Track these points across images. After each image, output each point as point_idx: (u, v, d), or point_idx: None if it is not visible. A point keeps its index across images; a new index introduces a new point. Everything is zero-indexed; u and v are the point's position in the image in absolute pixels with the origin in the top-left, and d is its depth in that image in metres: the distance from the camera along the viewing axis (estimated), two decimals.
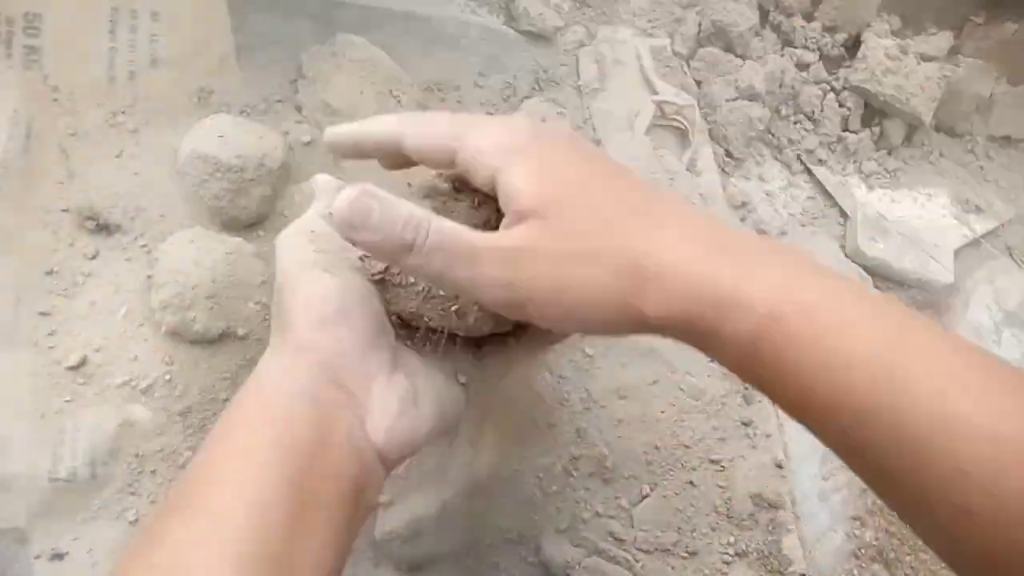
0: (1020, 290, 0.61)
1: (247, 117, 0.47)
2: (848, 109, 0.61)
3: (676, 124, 0.57)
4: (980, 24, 0.64)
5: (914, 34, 0.63)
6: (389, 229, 0.29)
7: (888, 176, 0.61)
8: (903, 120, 0.61)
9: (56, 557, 0.38)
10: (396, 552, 0.43)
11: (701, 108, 0.58)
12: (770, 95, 0.59)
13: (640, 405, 0.49)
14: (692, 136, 0.57)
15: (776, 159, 0.60)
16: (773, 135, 0.60)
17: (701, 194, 0.52)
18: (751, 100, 0.58)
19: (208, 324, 0.41)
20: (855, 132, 0.61)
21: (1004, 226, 0.63)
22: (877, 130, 0.61)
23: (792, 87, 0.60)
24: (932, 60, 0.61)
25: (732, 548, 0.48)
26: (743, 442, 0.50)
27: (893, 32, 0.63)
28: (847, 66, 0.62)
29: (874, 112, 0.61)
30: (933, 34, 0.63)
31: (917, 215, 0.61)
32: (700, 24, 0.60)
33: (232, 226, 0.44)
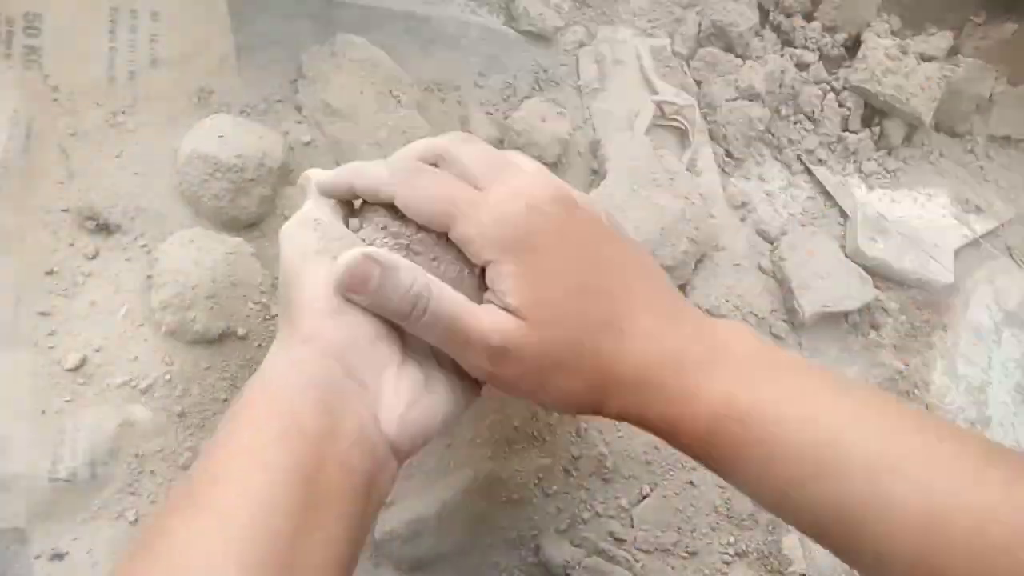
0: (1020, 290, 0.61)
1: (247, 117, 0.47)
2: (848, 109, 0.61)
3: (676, 124, 0.57)
4: (980, 24, 0.64)
5: (914, 34, 0.63)
6: (387, 297, 0.31)
7: (888, 176, 0.61)
8: (903, 120, 0.61)
9: (56, 557, 0.38)
10: (396, 552, 0.43)
11: (701, 108, 0.58)
12: (770, 95, 0.59)
13: None
14: (692, 136, 0.57)
15: (776, 159, 0.60)
16: (773, 135, 0.60)
17: (701, 194, 0.52)
18: (751, 100, 0.58)
19: (208, 324, 0.41)
20: (855, 132, 0.61)
21: (1004, 226, 0.63)
22: (877, 130, 0.61)
23: (792, 87, 0.60)
24: (932, 60, 0.61)
25: (732, 548, 0.48)
26: None
27: (893, 32, 0.63)
28: (847, 66, 0.62)
29: (874, 112, 0.61)
30: (933, 34, 0.63)
31: (917, 215, 0.60)
32: (700, 24, 0.60)
33: (232, 226, 0.44)
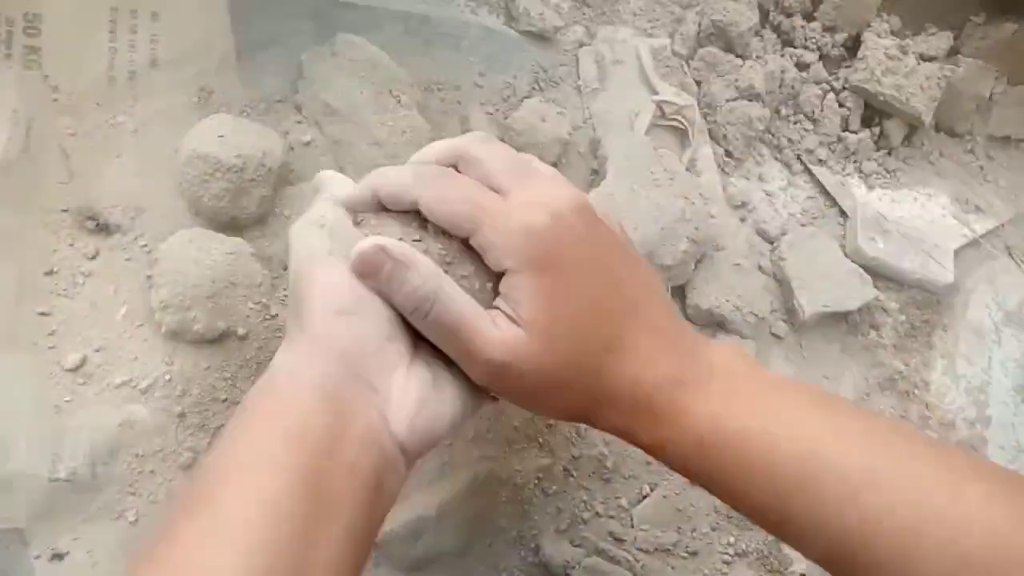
0: (1020, 290, 0.61)
1: (247, 117, 0.47)
2: (848, 109, 0.61)
3: (676, 124, 0.57)
4: (980, 24, 0.64)
5: (914, 34, 0.63)
6: (394, 291, 0.32)
7: (888, 176, 0.61)
8: (903, 120, 0.61)
9: (56, 557, 0.38)
10: (396, 552, 0.43)
11: (701, 108, 0.58)
12: (770, 95, 0.59)
13: None
14: (692, 136, 0.57)
15: (776, 159, 0.60)
16: (773, 135, 0.60)
17: (701, 194, 0.52)
18: (751, 100, 0.58)
19: (208, 324, 0.41)
20: (855, 132, 0.61)
21: (1004, 226, 0.63)
22: (877, 130, 0.61)
23: (792, 87, 0.60)
24: (932, 60, 0.61)
25: (732, 548, 0.49)
26: None
27: (893, 32, 0.63)
28: (847, 66, 0.62)
29: (874, 112, 0.61)
30: (933, 34, 0.63)
31: (917, 215, 0.60)
32: (700, 24, 0.60)
33: (232, 226, 0.44)
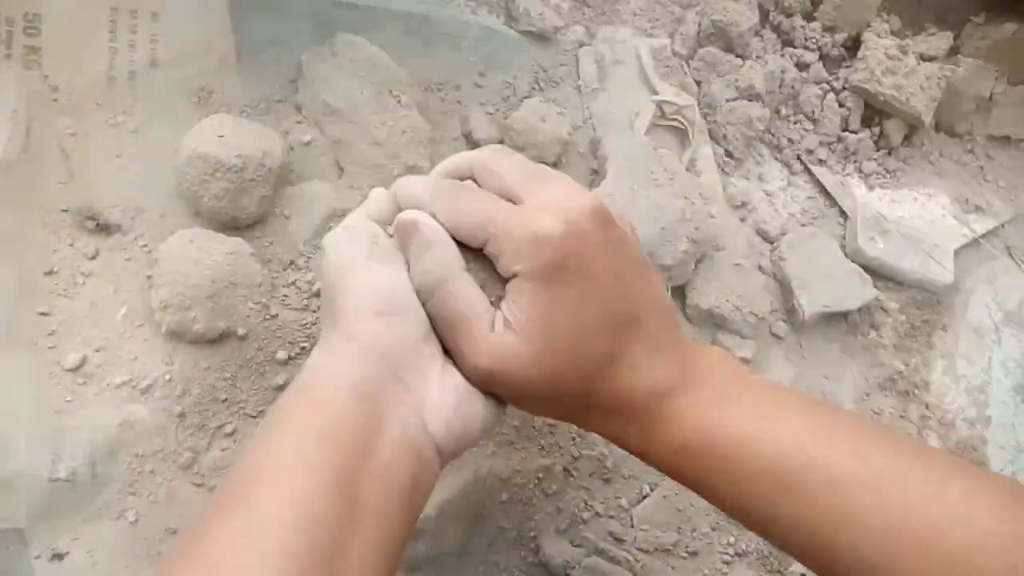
0: (1020, 290, 0.61)
1: (247, 117, 0.47)
2: (848, 109, 0.61)
3: (676, 124, 0.57)
4: (980, 24, 0.64)
5: (914, 34, 0.63)
6: (412, 264, 0.33)
7: (888, 176, 0.61)
8: (903, 120, 0.61)
9: (56, 557, 0.38)
10: None
11: (701, 108, 0.58)
12: (770, 95, 0.59)
13: None
14: (692, 136, 0.57)
15: (776, 159, 0.60)
16: (773, 135, 0.60)
17: (701, 194, 0.52)
18: (751, 100, 0.58)
19: (208, 324, 0.41)
20: (855, 132, 0.61)
21: (1004, 226, 0.63)
22: (877, 130, 0.61)
23: (792, 87, 0.60)
24: (932, 60, 0.61)
25: (732, 548, 0.49)
26: None
27: (893, 32, 0.63)
28: (847, 66, 0.62)
29: (874, 112, 0.61)
30: (933, 34, 0.63)
31: (917, 215, 0.60)
32: (700, 24, 0.60)
33: (232, 226, 0.44)
